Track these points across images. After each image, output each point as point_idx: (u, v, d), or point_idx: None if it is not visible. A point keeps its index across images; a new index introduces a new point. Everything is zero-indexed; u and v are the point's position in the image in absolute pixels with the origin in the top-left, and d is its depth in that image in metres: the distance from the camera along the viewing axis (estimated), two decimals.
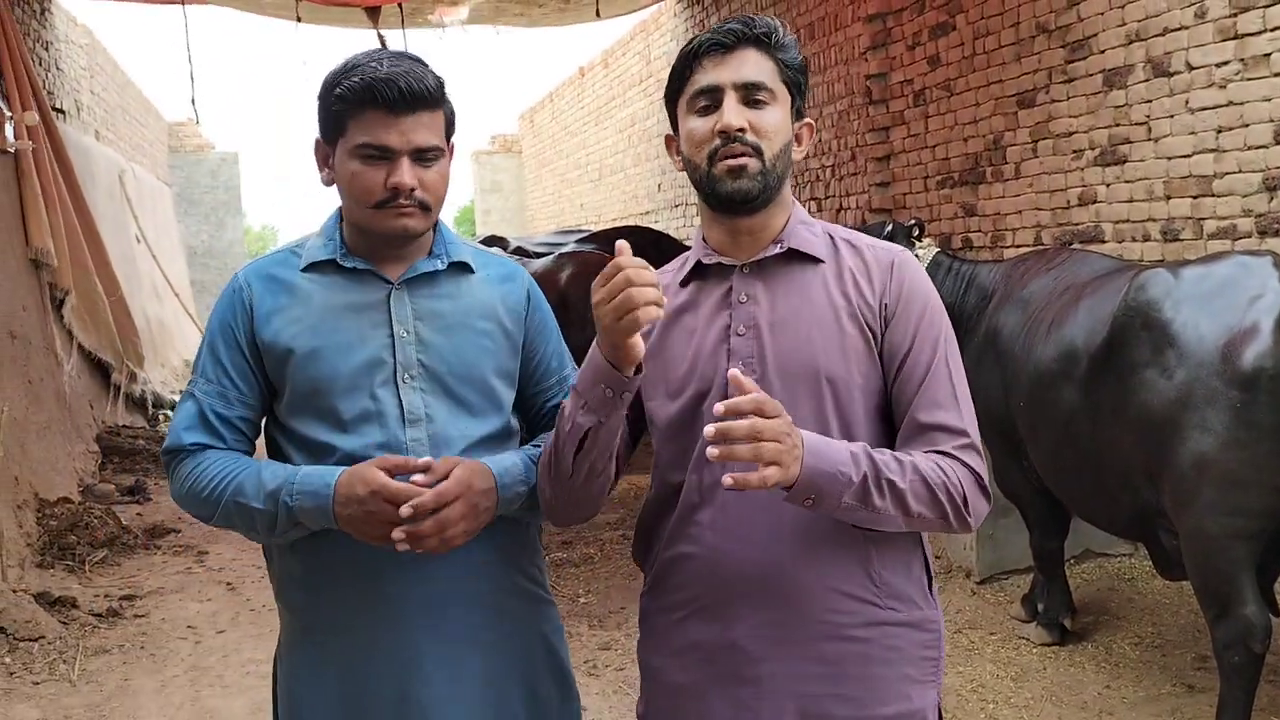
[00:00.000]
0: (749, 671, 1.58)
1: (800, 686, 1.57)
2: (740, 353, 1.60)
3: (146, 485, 7.19)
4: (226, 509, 1.71)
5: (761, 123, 1.58)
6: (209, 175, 19.72)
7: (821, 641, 1.57)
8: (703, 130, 1.60)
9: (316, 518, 1.66)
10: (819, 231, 1.68)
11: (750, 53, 1.60)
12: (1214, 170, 4.83)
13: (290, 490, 1.66)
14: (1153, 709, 3.61)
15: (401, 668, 1.74)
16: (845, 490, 1.45)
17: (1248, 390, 2.94)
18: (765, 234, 1.65)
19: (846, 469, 1.45)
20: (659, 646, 1.70)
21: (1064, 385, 3.57)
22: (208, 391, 1.77)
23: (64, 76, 9.86)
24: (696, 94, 1.61)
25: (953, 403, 1.58)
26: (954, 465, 1.54)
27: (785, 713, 1.57)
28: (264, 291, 1.77)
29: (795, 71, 1.63)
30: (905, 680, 1.60)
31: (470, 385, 1.79)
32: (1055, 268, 4.01)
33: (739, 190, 1.58)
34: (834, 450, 1.46)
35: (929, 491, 1.50)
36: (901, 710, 1.60)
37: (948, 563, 5.13)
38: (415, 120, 1.68)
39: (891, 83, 7.58)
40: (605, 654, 4.28)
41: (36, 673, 4.26)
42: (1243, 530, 2.99)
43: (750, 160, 1.57)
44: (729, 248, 1.67)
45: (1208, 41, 4.80)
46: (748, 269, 1.65)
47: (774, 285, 1.64)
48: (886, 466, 1.48)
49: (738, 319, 1.62)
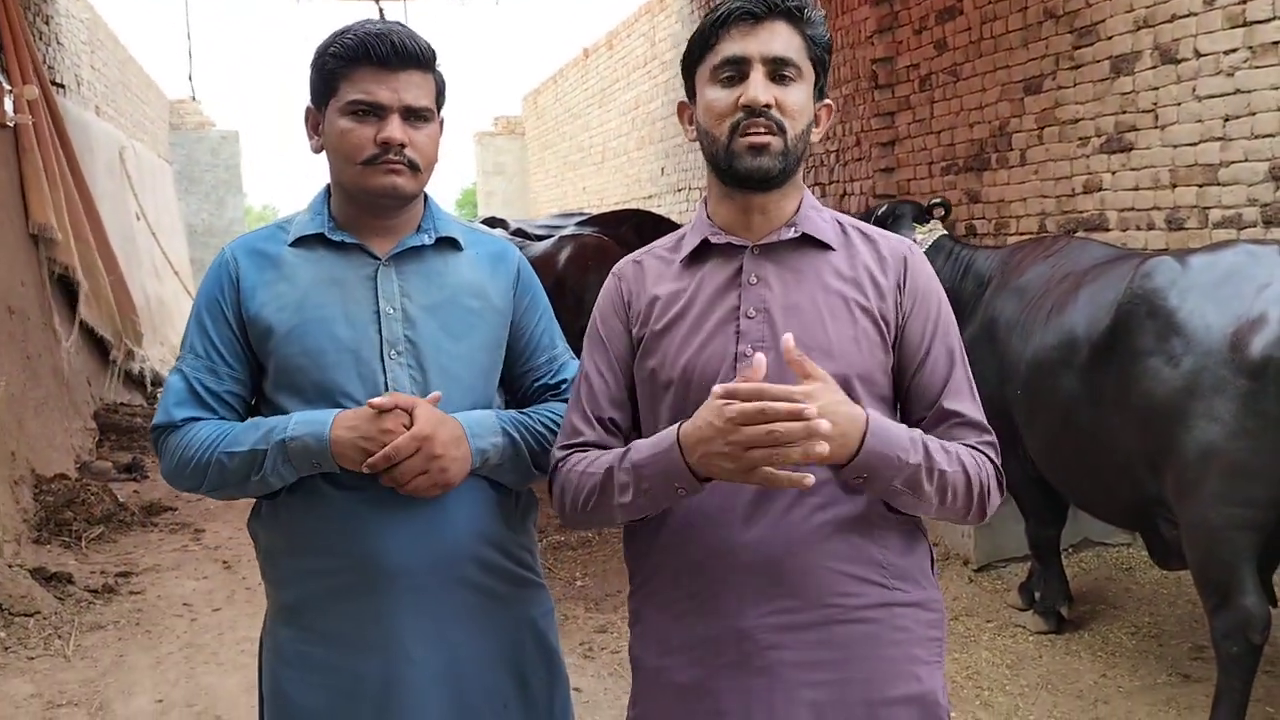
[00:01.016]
0: (759, 661, 1.53)
1: (811, 674, 1.54)
2: (750, 335, 1.56)
3: (144, 463, 7.18)
4: (218, 464, 1.69)
5: (787, 100, 1.54)
6: (209, 153, 19.65)
7: (831, 625, 1.54)
8: (725, 102, 1.54)
9: (310, 445, 1.64)
10: (829, 218, 1.65)
11: (781, 25, 1.54)
12: (1220, 159, 4.80)
13: (286, 425, 1.66)
14: (1148, 698, 3.61)
15: (385, 647, 1.72)
16: (899, 474, 1.44)
17: (1256, 379, 2.92)
18: (777, 215, 1.61)
19: (905, 454, 1.44)
20: (657, 645, 1.63)
21: (1063, 373, 3.55)
22: (196, 366, 1.76)
23: (64, 51, 9.81)
24: (722, 64, 1.55)
25: (971, 398, 1.59)
26: (983, 460, 1.54)
27: (798, 701, 1.53)
28: (250, 266, 1.76)
29: (823, 49, 1.58)
30: (914, 661, 1.58)
31: (456, 361, 1.77)
32: (1053, 255, 3.99)
33: (759, 168, 1.53)
34: (896, 432, 1.45)
35: (967, 483, 1.51)
36: (911, 692, 1.57)
37: (945, 550, 5.12)
38: (407, 78, 1.69)
39: (897, 67, 7.54)
40: (602, 636, 4.27)
41: (31, 648, 4.26)
42: (1247, 520, 2.97)
43: (774, 139, 1.53)
44: (738, 227, 1.62)
45: (1216, 29, 4.77)
46: (758, 250, 1.60)
47: (785, 269, 1.59)
48: (938, 455, 1.48)
49: (747, 300, 1.57)
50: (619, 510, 1.55)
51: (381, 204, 1.74)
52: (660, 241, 1.74)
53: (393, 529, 1.69)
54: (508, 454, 1.75)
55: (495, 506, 1.79)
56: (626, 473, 1.51)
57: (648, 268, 1.69)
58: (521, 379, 1.91)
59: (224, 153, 19.86)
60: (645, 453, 1.49)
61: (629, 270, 1.71)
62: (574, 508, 1.61)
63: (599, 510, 1.57)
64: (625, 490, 1.51)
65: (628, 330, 1.66)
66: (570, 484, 1.61)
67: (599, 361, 1.67)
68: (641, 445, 1.52)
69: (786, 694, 1.53)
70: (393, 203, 1.74)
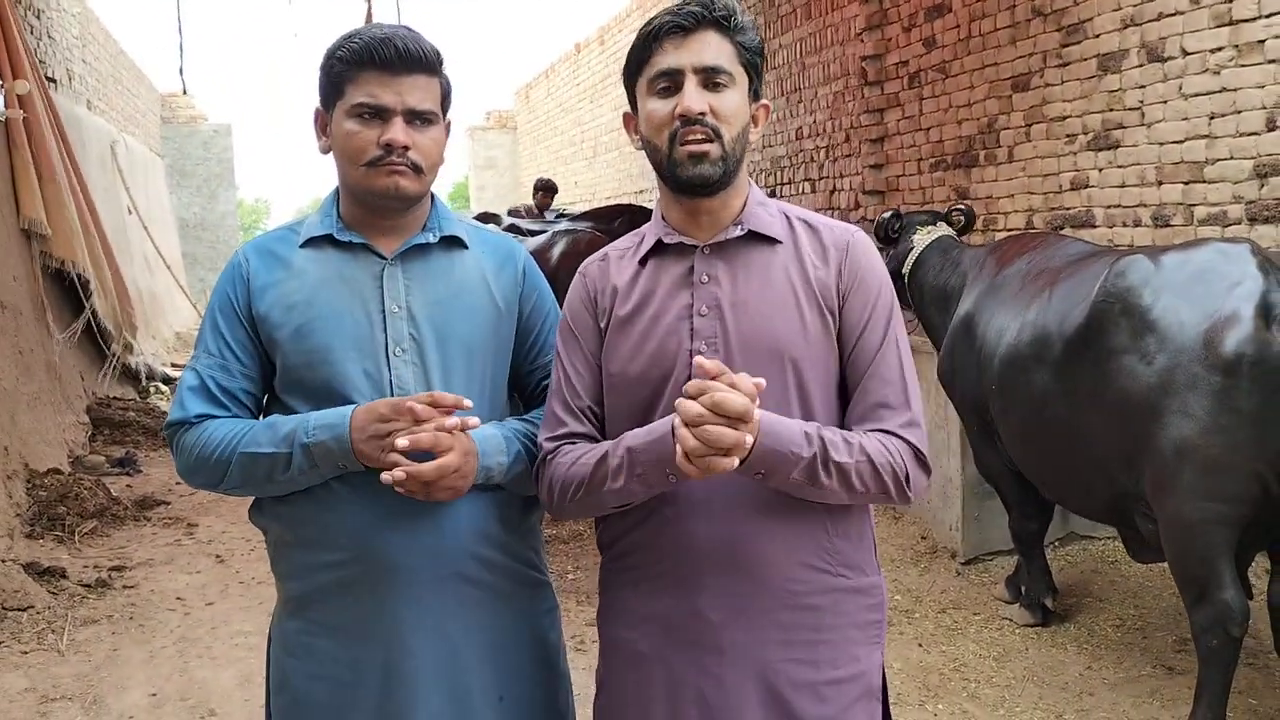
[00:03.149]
0: (711, 639, 1.64)
1: (760, 652, 1.64)
2: (703, 332, 1.63)
3: (136, 457, 7.18)
4: (240, 463, 1.72)
5: (721, 106, 1.60)
6: (201, 147, 19.62)
7: (780, 610, 1.64)
8: (662, 113, 1.62)
9: (332, 449, 1.67)
10: (775, 212, 1.71)
11: (710, 35, 1.61)
12: (1206, 156, 4.84)
13: (305, 428, 1.69)
14: (1133, 690, 3.65)
15: (386, 640, 1.76)
16: (794, 468, 1.52)
17: (1229, 376, 2.96)
18: (724, 214, 1.68)
19: (798, 448, 1.52)
20: (621, 618, 1.74)
21: (1036, 369, 3.58)
22: (209, 364, 1.79)
23: (56, 45, 9.79)
24: (657, 76, 1.62)
25: (900, 380, 1.65)
26: (898, 444, 1.61)
27: (747, 678, 1.64)
28: (261, 266, 1.80)
29: (753, 54, 1.65)
30: (852, 643, 1.68)
31: (460, 359, 1.80)
32: (1030, 251, 4.02)
33: (699, 175, 1.61)
34: (787, 429, 1.53)
35: (874, 470, 1.57)
36: (853, 671, 1.68)
37: (933, 543, 5.16)
38: (411, 82, 1.72)
39: (887, 64, 7.57)
40: (592, 630, 4.25)
41: (25, 642, 4.28)
42: (1222, 515, 3.02)
43: (711, 146, 1.60)
44: (689, 227, 1.69)
45: (1202, 27, 4.81)
46: (708, 250, 1.67)
47: (734, 266, 1.67)
48: (835, 447, 1.55)
49: (699, 299, 1.65)
50: (610, 495, 1.62)
51: (385, 205, 1.77)
52: (621, 241, 1.81)
53: (395, 525, 1.73)
54: (513, 470, 1.79)
55: (497, 506, 1.82)
56: (620, 458, 1.59)
57: (610, 266, 1.76)
58: (527, 378, 1.95)
59: (216, 146, 19.83)
60: (641, 439, 1.57)
61: (594, 269, 1.79)
62: (562, 497, 1.69)
63: (588, 498, 1.65)
64: (618, 474, 1.59)
65: (596, 324, 1.74)
66: (558, 475, 1.69)
67: (573, 356, 1.75)
68: (637, 433, 1.59)
69: (735, 670, 1.64)
70: (396, 204, 1.77)
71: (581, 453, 1.67)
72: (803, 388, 1.63)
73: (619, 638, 1.75)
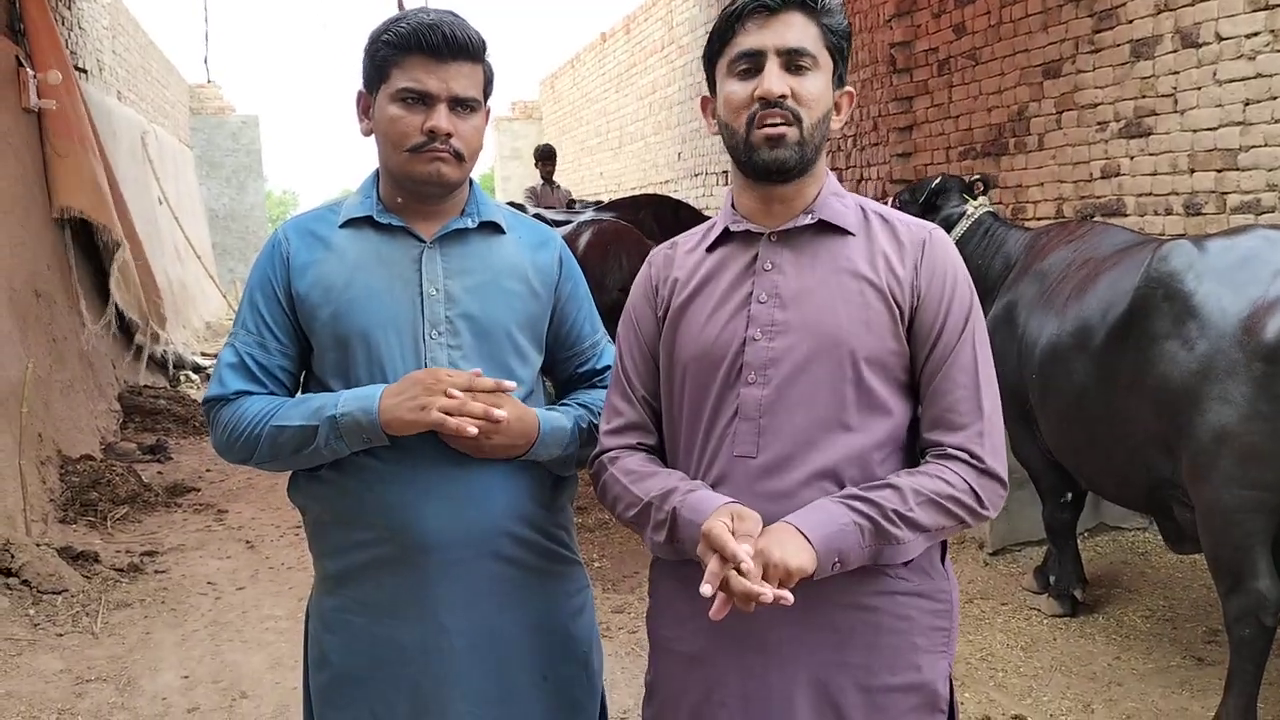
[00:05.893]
0: (759, 639, 1.58)
1: (810, 655, 1.58)
2: (759, 320, 1.59)
3: (167, 444, 7.26)
4: (270, 436, 1.74)
5: (803, 90, 1.56)
6: (230, 138, 19.76)
7: (833, 610, 1.57)
8: (742, 95, 1.57)
9: (360, 420, 1.69)
10: (850, 204, 1.66)
11: (795, 16, 1.57)
12: (1240, 144, 4.78)
13: (335, 402, 1.71)
14: (1162, 680, 3.63)
15: (421, 617, 1.78)
16: (865, 550, 1.49)
17: (1271, 363, 2.93)
18: (797, 203, 1.63)
19: (846, 520, 1.48)
20: (668, 616, 1.71)
21: (1078, 357, 3.56)
22: (247, 342, 1.81)
23: (86, 35, 9.88)
24: (738, 57, 1.58)
25: (973, 384, 1.58)
26: (955, 466, 1.55)
27: (796, 681, 1.58)
28: (300, 245, 1.81)
29: (839, 37, 1.60)
30: (914, 650, 1.60)
31: (496, 343, 1.82)
32: (1075, 240, 3.99)
33: (776, 159, 1.56)
34: (824, 512, 1.49)
35: (937, 506, 1.53)
36: (911, 680, 1.60)
37: (961, 534, 5.14)
38: (456, 69, 1.73)
39: (916, 51, 7.52)
40: (618, 617, 4.32)
41: (60, 625, 4.34)
42: (1260, 503, 2.99)
43: (789, 129, 1.55)
44: (759, 215, 1.65)
45: (1238, 12, 4.74)
46: (775, 237, 1.63)
47: (801, 255, 1.62)
48: (889, 501, 1.50)
49: (760, 286, 1.61)
50: (650, 543, 1.64)
51: (426, 190, 1.78)
52: (692, 230, 1.79)
53: (429, 503, 1.75)
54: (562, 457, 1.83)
55: (532, 484, 1.84)
56: (665, 515, 1.58)
57: (676, 255, 1.75)
58: (564, 365, 1.97)
59: (244, 137, 19.97)
60: (686, 514, 1.54)
61: (660, 258, 1.77)
62: (613, 513, 1.71)
63: (634, 528, 1.67)
64: (660, 530, 1.59)
65: (655, 314, 1.73)
66: (611, 490, 1.70)
67: (632, 345, 1.75)
68: (688, 501, 1.56)
69: (783, 671, 1.58)
70: (437, 190, 1.78)
71: (636, 478, 1.66)
72: (862, 382, 1.56)
73: (666, 636, 1.72)
